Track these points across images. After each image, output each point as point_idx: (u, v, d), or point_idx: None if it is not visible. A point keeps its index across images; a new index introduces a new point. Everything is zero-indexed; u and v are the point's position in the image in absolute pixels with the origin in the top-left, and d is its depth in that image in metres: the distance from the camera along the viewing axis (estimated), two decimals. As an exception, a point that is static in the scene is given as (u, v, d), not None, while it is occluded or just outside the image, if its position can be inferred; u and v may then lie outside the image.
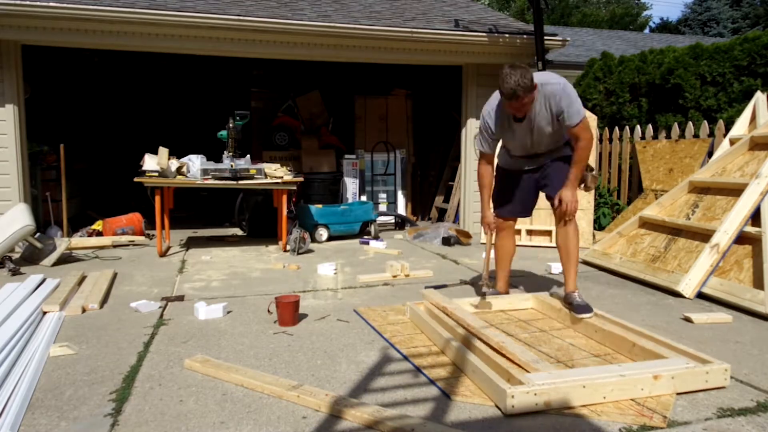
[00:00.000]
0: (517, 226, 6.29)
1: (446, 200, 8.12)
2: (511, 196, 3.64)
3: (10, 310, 3.31)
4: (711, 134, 5.77)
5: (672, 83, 6.47)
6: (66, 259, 5.19)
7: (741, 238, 3.98)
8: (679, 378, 2.35)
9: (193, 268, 4.98)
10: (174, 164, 5.54)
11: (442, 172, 8.40)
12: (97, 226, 6.54)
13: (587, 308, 3.17)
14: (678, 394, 2.32)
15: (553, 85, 3.19)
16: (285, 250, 5.74)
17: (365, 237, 6.60)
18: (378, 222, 7.07)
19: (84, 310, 3.56)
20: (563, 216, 3.31)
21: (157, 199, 5.43)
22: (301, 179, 5.97)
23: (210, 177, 5.43)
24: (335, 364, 2.68)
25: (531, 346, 2.89)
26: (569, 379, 2.27)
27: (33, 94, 6.64)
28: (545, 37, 6.85)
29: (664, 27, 26.74)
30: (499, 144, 3.59)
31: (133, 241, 6.21)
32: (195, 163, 5.59)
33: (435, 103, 8.79)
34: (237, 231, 7.23)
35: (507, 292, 3.78)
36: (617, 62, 7.42)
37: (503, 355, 2.57)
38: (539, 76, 3.22)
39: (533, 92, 3.11)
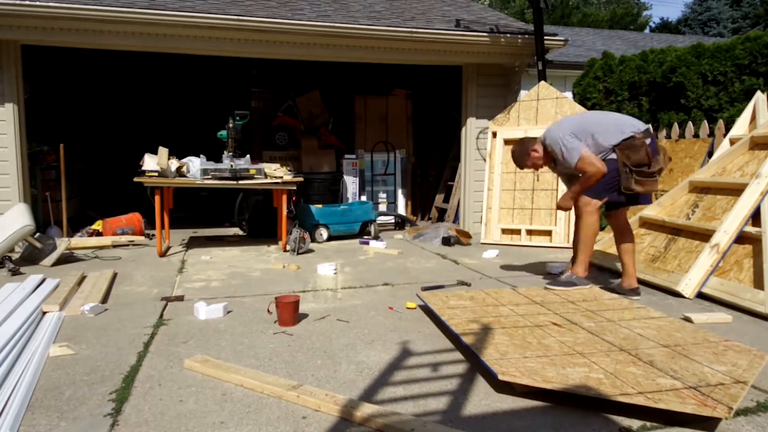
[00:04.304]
0: (517, 226, 6.45)
1: (446, 200, 8.12)
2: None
3: (10, 310, 3.31)
4: (711, 134, 5.76)
5: (674, 82, 6.46)
6: (66, 259, 5.19)
7: (741, 238, 3.98)
8: None
9: (193, 268, 4.98)
10: (174, 164, 5.54)
11: (442, 172, 8.40)
12: (97, 226, 6.54)
13: (567, 283, 3.78)
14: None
15: (550, 138, 3.92)
16: (285, 250, 5.74)
17: (365, 237, 6.60)
18: (378, 222, 7.07)
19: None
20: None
21: (157, 199, 5.43)
22: (301, 179, 5.97)
23: (210, 177, 5.43)
24: (335, 364, 2.68)
25: (595, 335, 2.83)
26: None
27: (33, 94, 6.65)
28: (545, 37, 6.85)
29: (664, 27, 26.74)
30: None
31: (132, 241, 6.21)
32: (195, 163, 5.59)
33: (435, 103, 8.79)
34: (237, 231, 7.23)
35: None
36: (618, 62, 7.41)
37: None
38: (546, 131, 3.98)
39: (531, 155, 3.99)
